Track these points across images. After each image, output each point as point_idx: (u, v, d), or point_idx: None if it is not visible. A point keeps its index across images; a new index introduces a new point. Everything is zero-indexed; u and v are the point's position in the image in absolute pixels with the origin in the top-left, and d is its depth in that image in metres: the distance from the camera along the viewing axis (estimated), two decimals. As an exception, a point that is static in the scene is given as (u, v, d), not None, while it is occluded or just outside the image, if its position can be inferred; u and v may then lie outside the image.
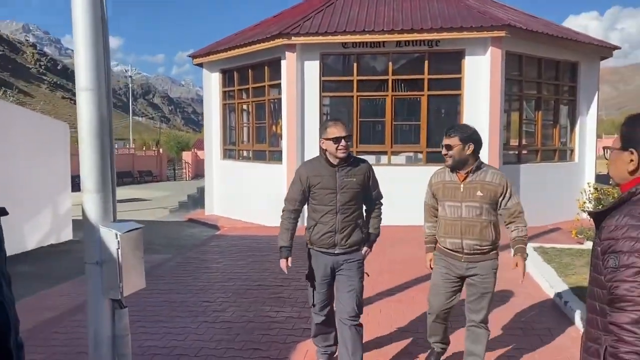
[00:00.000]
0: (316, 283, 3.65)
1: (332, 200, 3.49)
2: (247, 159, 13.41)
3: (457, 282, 3.54)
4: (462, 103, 11.04)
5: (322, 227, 3.53)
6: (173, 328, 4.83)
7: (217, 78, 13.90)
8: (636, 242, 1.48)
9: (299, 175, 3.61)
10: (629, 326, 1.44)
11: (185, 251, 8.71)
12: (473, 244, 3.37)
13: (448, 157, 3.41)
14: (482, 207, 3.35)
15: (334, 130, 3.42)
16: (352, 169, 3.53)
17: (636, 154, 1.62)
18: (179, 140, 53.66)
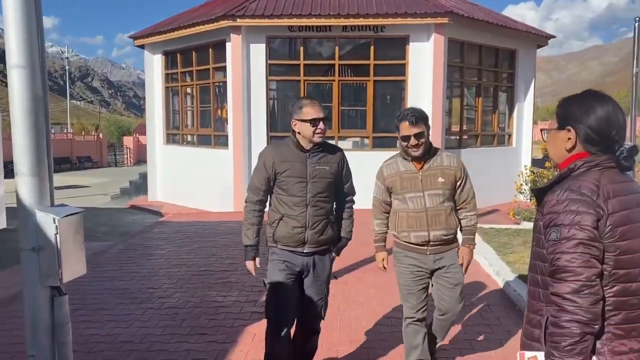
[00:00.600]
0: (277, 285, 3.09)
1: (302, 190, 3.02)
2: (192, 144, 13.15)
3: (427, 277, 3.26)
4: (406, 89, 11.23)
5: (289, 222, 3.04)
6: (117, 316, 4.72)
7: (159, 60, 13.49)
8: (576, 215, 1.55)
9: (263, 160, 3.11)
10: (569, 295, 1.51)
11: (127, 238, 8.48)
12: (440, 234, 3.15)
13: (417, 147, 3.09)
14: (444, 193, 3.15)
15: (311, 111, 2.99)
16: (325, 155, 3.09)
17: (573, 131, 1.68)
18: (120, 125, 51.92)
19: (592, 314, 1.49)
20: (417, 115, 3.10)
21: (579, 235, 1.53)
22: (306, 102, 3.03)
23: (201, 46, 12.24)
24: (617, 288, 1.56)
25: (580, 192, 1.58)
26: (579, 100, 1.73)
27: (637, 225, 1.59)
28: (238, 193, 11.14)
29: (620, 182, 1.63)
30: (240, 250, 7.20)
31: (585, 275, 1.51)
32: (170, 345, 4.06)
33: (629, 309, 1.56)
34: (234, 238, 7.94)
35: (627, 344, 1.56)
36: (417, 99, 11.01)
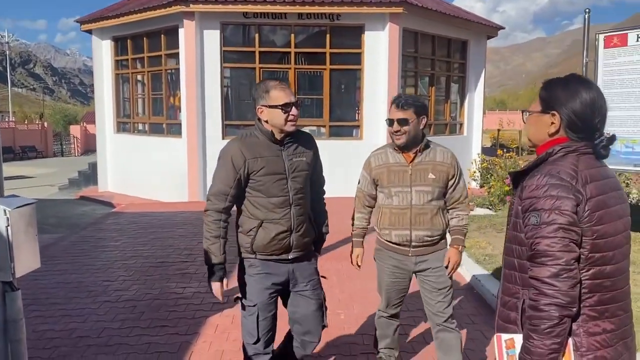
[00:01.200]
0: (260, 305, 2.65)
1: (284, 188, 2.62)
2: (143, 133, 12.80)
3: (407, 279, 3.02)
4: (362, 78, 11.29)
5: (272, 228, 2.61)
6: (71, 310, 4.56)
7: (108, 46, 13.02)
8: (556, 199, 1.57)
9: (230, 158, 2.58)
10: (549, 279, 1.54)
11: (79, 230, 8.19)
12: (423, 234, 2.87)
13: (401, 135, 2.80)
14: (433, 191, 2.85)
15: (281, 94, 2.55)
16: (299, 145, 2.70)
17: (557, 116, 1.69)
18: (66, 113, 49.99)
19: (570, 297, 1.53)
20: (407, 99, 2.83)
21: (559, 220, 1.56)
22: (274, 84, 2.59)
23: (153, 32, 11.89)
24: (593, 271, 1.60)
25: (559, 177, 1.60)
26: (564, 84, 1.74)
27: (612, 209, 1.63)
28: (193, 182, 10.95)
29: (596, 167, 1.67)
30: (199, 241, 7.09)
31: (564, 259, 1.54)
32: (130, 339, 3.95)
33: (602, 291, 1.61)
34: (190, 228, 7.81)
35: (601, 325, 1.61)
36: (373, 88, 11.12)
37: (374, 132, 11.17)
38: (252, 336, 2.65)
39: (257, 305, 2.63)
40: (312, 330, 2.78)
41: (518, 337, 1.67)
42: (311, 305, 2.76)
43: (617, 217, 1.65)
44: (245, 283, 2.68)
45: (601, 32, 5.45)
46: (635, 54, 5.37)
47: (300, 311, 2.76)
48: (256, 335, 2.64)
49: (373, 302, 4.67)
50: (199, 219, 3.38)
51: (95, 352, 3.75)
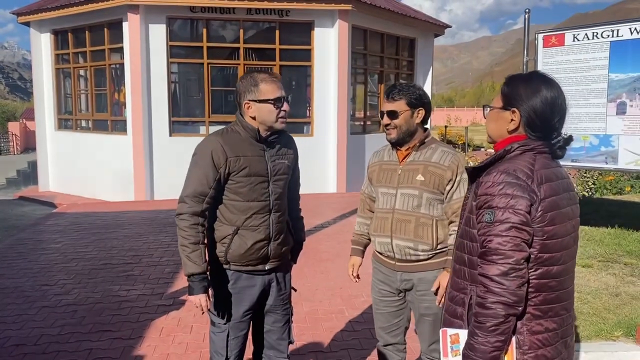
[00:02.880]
0: (232, 323, 2.43)
1: (264, 192, 2.39)
2: (86, 130, 12.34)
3: (398, 299, 2.62)
4: (313, 74, 11.27)
5: (247, 236, 2.38)
6: (7, 317, 4.32)
7: (47, 39, 12.47)
8: (511, 198, 1.57)
9: (210, 155, 2.32)
10: (497, 278, 1.54)
11: (17, 232, 7.80)
12: (405, 245, 2.47)
13: (391, 129, 2.50)
14: (421, 196, 2.45)
15: (272, 88, 2.35)
16: (282, 146, 2.48)
17: (518, 113, 1.69)
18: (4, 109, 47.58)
19: (517, 297, 1.54)
20: (399, 89, 2.50)
21: (512, 219, 1.56)
22: (263, 77, 2.36)
23: (95, 25, 11.46)
24: (540, 271, 1.61)
25: (516, 176, 1.60)
26: (526, 81, 1.73)
27: (563, 211, 1.65)
28: (139, 181, 10.65)
29: (551, 168, 1.68)
30: (145, 242, 6.91)
31: (514, 258, 1.54)
32: (70, 345, 3.79)
33: (548, 290, 1.63)
34: (136, 229, 7.58)
35: (544, 324, 1.64)
36: (323, 84, 11.13)
37: (324, 129, 11.19)
38: (221, 355, 2.45)
39: (228, 323, 2.42)
40: (277, 346, 2.59)
41: (463, 332, 1.69)
42: (278, 320, 2.58)
43: (567, 219, 1.67)
44: (216, 298, 2.42)
45: (540, 31, 5.64)
46: (572, 53, 5.59)
47: (267, 326, 2.58)
48: (225, 354, 2.43)
49: (320, 299, 4.68)
50: (145, 219, 3.27)
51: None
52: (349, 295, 4.70)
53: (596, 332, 3.68)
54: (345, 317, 4.28)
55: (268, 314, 2.57)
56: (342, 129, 11.20)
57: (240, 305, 2.44)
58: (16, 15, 12.64)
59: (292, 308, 2.66)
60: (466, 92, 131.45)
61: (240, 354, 2.51)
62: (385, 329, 2.67)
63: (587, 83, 5.55)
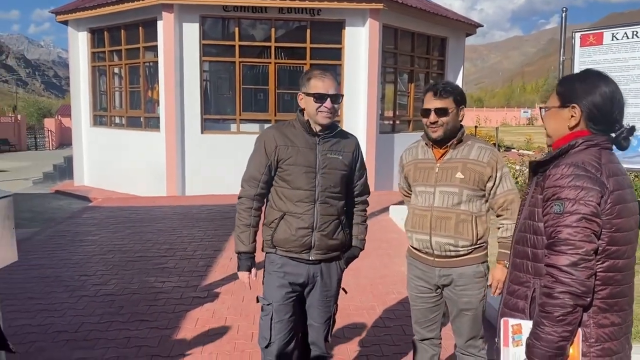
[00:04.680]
0: (275, 305, 2.52)
1: (311, 182, 2.49)
2: (121, 126, 12.62)
3: (435, 295, 2.64)
4: (342, 73, 11.30)
5: (292, 222, 2.50)
6: (48, 305, 4.49)
7: (84, 38, 12.78)
8: (581, 190, 1.59)
9: (262, 143, 2.54)
10: (567, 268, 1.56)
11: (55, 224, 8.06)
12: (445, 242, 2.49)
13: (437, 127, 2.48)
14: (462, 193, 2.47)
15: (319, 84, 2.47)
16: (337, 142, 2.57)
17: (578, 108, 1.72)
18: (40, 106, 48.97)
19: (586, 287, 1.56)
20: (446, 87, 2.49)
21: (582, 210, 1.57)
22: (316, 73, 2.52)
23: (131, 24, 11.71)
24: (607, 264, 1.62)
25: (585, 169, 1.62)
26: (581, 78, 1.76)
27: (629, 205, 1.66)
28: (171, 177, 10.85)
29: (615, 163, 1.70)
30: (179, 236, 7.06)
31: (584, 249, 1.56)
32: (109, 333, 3.92)
33: (613, 284, 1.64)
34: (169, 223, 7.74)
35: (610, 318, 1.65)
36: (353, 83, 11.15)
37: (353, 128, 11.19)
38: (265, 339, 2.53)
39: (272, 304, 2.52)
40: (317, 341, 2.67)
41: (526, 323, 1.69)
42: (320, 317, 2.63)
43: (631, 214, 1.67)
44: (264, 280, 2.60)
45: (577, 30, 5.55)
46: (610, 52, 5.48)
47: (309, 320, 2.65)
48: (268, 338, 2.51)
49: (351, 295, 4.72)
50: (178, 214, 3.34)
51: (73, 346, 3.71)
52: (380, 292, 4.73)
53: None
54: (376, 313, 4.31)
55: (311, 308, 2.63)
56: (371, 128, 11.21)
57: (282, 288, 2.54)
58: (55, 14, 13.00)
59: (336, 307, 2.69)
60: (496, 93, 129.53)
61: (286, 342, 2.55)
62: (422, 324, 2.70)
63: (626, 82, 5.44)
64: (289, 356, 2.60)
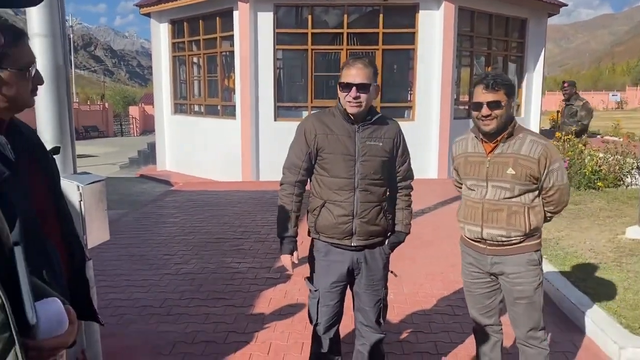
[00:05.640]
0: (322, 291, 2.63)
1: (350, 170, 2.50)
2: (199, 114, 13.16)
3: (490, 281, 2.66)
4: (416, 58, 11.14)
5: (333, 209, 2.53)
6: (135, 281, 4.85)
7: (166, 29, 13.40)
8: None
9: (302, 131, 2.59)
10: None
11: (140, 206, 8.61)
12: (497, 234, 2.50)
13: (491, 120, 2.42)
14: (514, 189, 2.46)
15: (347, 72, 2.46)
16: (377, 129, 2.55)
17: None
18: (125, 94, 51.78)
19: None
20: (497, 79, 2.41)
21: None
22: (349, 62, 2.49)
23: (208, 15, 12.13)
24: None
25: None
26: None
27: None
28: (246, 163, 11.21)
29: None
30: (253, 220, 7.30)
31: None
32: (190, 309, 4.19)
33: None
34: (245, 207, 8.05)
35: None
36: (427, 68, 10.97)
37: (426, 113, 11.05)
38: (312, 319, 2.70)
39: (318, 291, 2.63)
40: (369, 323, 2.70)
41: None
42: (369, 301, 2.66)
43: None
44: (312, 266, 2.70)
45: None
46: None
47: (358, 303, 2.72)
48: (315, 319, 2.67)
49: (420, 282, 4.73)
50: (252, 199, 3.48)
51: (158, 320, 4.00)
52: (450, 281, 4.71)
53: None
54: (445, 300, 4.31)
55: (359, 293, 2.69)
56: (445, 113, 11.00)
57: (328, 276, 2.62)
58: (138, 7, 13.71)
59: (385, 291, 2.71)
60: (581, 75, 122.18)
61: (331, 323, 2.68)
62: (479, 309, 2.73)
63: None
64: (335, 333, 2.73)
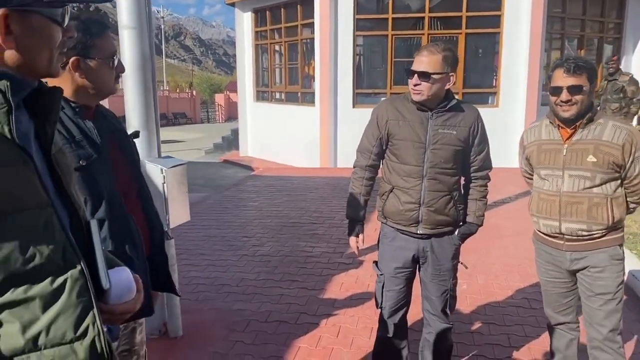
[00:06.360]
0: (387, 276, 2.63)
1: (419, 158, 2.44)
2: (280, 101, 13.44)
3: (567, 280, 2.50)
4: (501, 42, 10.69)
5: (400, 195, 2.50)
6: (215, 261, 5.09)
7: (249, 18, 13.75)
8: None
9: (375, 116, 2.57)
10: None
11: (222, 190, 8.98)
12: (577, 228, 2.34)
13: (571, 105, 2.27)
14: (594, 177, 2.29)
15: (415, 59, 2.41)
16: (452, 116, 2.46)
17: None
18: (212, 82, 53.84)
19: None
20: (578, 62, 2.26)
21: None
22: (420, 49, 2.44)
23: (290, 3, 12.31)
24: None
25: None
26: None
27: None
28: (325, 150, 11.33)
29: None
30: (328, 205, 7.40)
31: None
32: (264, 290, 4.34)
33: None
34: (321, 193, 8.16)
35: None
36: (513, 52, 10.50)
37: (511, 100, 10.60)
38: (377, 302, 2.71)
39: (384, 275, 2.64)
40: (435, 312, 2.66)
41: None
42: (435, 290, 2.62)
43: None
44: (380, 250, 2.71)
45: None
46: None
47: (425, 291, 2.68)
48: (380, 303, 2.68)
49: (496, 274, 4.59)
50: (329, 185, 3.52)
51: (234, 298, 4.19)
52: (527, 273, 4.53)
53: None
54: (521, 293, 4.17)
55: (425, 282, 2.66)
56: (532, 99, 10.49)
57: (393, 261, 2.62)
58: (224, -3, 14.17)
59: (453, 282, 2.63)
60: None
61: (396, 308, 2.67)
62: (555, 308, 2.59)
63: None
64: (401, 318, 2.71)
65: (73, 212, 1.08)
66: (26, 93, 1.01)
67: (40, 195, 0.92)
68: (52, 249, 0.91)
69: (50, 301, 0.90)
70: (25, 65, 0.97)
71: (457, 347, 3.29)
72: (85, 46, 1.63)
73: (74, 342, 0.92)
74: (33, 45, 0.97)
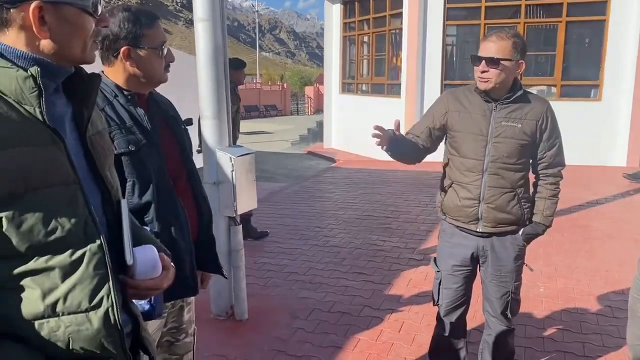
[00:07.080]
0: (444, 273, 2.54)
1: (480, 151, 2.33)
2: (365, 93, 13.35)
3: None
4: (606, 30, 9.86)
5: (459, 191, 2.41)
6: (286, 249, 5.17)
7: (338, 9, 13.77)
8: None
9: (435, 105, 2.53)
10: None
11: (302, 181, 9.10)
12: None
13: None
14: None
15: (481, 45, 2.32)
16: (518, 108, 2.32)
17: None
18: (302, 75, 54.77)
19: None
20: None
21: None
22: (486, 35, 2.34)
23: (379, -7, 12.18)
24: None
25: None
26: None
27: None
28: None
29: None
30: (405, 200, 7.27)
31: None
32: (330, 280, 4.34)
33: None
34: (399, 187, 8.03)
35: None
36: (619, 42, 9.68)
37: (616, 93, 9.76)
38: (434, 299, 2.62)
39: (441, 272, 2.56)
40: (495, 314, 2.54)
41: None
42: (495, 292, 2.49)
43: None
44: (438, 245, 2.64)
45: None
46: None
47: (486, 292, 2.56)
48: (436, 300, 2.60)
49: (578, 278, 4.27)
50: (408, 178, 3.44)
51: (300, 286, 4.23)
52: (614, 280, 4.17)
53: None
54: (604, 300, 3.84)
55: (485, 282, 2.54)
56: (638, 92, 9.61)
57: (450, 258, 2.52)
58: (314, -11, 14.29)
59: (516, 284, 2.48)
60: None
61: (453, 307, 2.56)
62: None
63: None
64: (459, 318, 2.60)
65: (105, 190, 1.13)
66: (62, 78, 1.07)
67: (67, 173, 0.98)
68: (74, 223, 0.97)
69: (69, 271, 0.96)
70: (59, 53, 1.03)
71: (525, 352, 3.13)
72: (136, 36, 1.69)
73: (89, 312, 0.97)
74: (66, 34, 1.02)
